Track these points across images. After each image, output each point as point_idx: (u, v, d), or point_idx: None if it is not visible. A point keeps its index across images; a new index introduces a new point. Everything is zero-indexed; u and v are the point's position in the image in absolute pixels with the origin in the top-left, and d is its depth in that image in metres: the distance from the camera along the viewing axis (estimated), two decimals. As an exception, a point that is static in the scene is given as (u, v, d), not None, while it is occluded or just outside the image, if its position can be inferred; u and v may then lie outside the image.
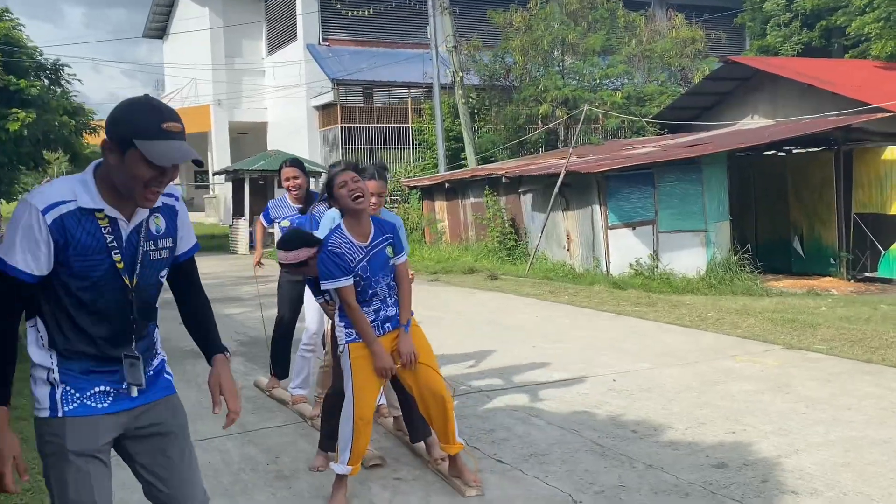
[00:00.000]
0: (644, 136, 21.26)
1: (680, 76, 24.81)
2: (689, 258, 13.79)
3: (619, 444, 5.02)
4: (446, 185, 19.29)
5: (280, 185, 6.51)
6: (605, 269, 13.66)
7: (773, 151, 16.44)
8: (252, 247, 22.56)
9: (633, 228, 13.78)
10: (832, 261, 14.95)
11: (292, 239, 4.59)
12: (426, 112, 26.32)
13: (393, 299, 4.27)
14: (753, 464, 4.61)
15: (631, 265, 13.56)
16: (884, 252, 14.32)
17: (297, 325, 6.49)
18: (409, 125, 29.27)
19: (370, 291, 4.15)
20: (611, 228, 13.71)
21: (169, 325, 3.69)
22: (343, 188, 4.10)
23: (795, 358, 7.11)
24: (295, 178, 6.19)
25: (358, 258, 4.11)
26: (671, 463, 4.68)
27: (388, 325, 4.25)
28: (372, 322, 4.15)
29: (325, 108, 31.92)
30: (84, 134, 20.61)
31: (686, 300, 10.60)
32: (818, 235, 15.35)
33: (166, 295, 2.71)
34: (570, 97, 22.46)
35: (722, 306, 9.97)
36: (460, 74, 22.75)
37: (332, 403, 4.56)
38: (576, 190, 14.31)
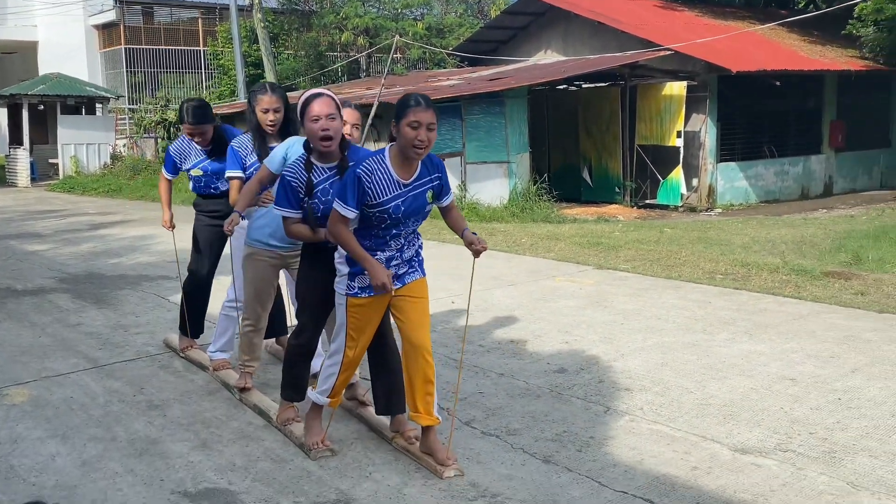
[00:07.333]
0: (445, 68, 21.79)
1: (477, 9, 25.50)
2: (493, 188, 14.59)
3: (469, 357, 5.49)
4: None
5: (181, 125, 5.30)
6: (416, 198, 14.12)
7: (566, 86, 17.52)
8: (35, 178, 20.97)
9: (443, 160, 14.30)
10: (617, 189, 16.34)
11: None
12: (221, 35, 25.31)
13: (411, 253, 3.81)
14: (588, 368, 5.25)
15: (441, 194, 14.12)
16: (662, 180, 15.85)
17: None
18: (202, 48, 28.05)
19: (393, 232, 3.67)
20: (421, 159, 14.14)
21: None
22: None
23: (606, 277, 7.95)
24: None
25: (391, 195, 3.60)
26: (519, 370, 5.22)
27: (395, 281, 3.73)
28: None
29: (105, 28, 29.83)
30: None
31: (500, 228, 11.32)
32: (605, 165, 16.68)
33: None
34: (371, 26, 22.48)
35: (532, 232, 10.76)
36: (258, -3, 22.03)
37: (297, 353, 4.15)
38: (387, 121, 14.57)
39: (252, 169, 4.69)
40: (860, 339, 5.71)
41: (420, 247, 3.91)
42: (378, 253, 3.70)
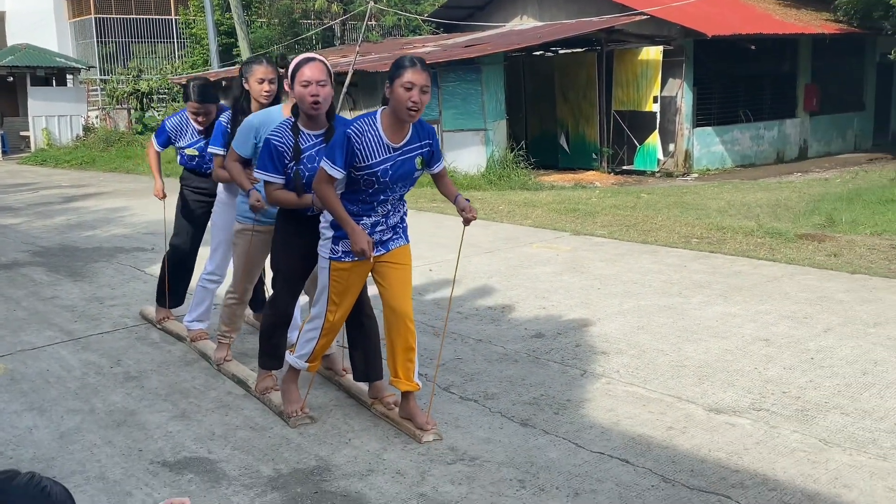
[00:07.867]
0: (420, 34, 21.60)
1: (452, -25, 25.17)
2: (470, 156, 14.55)
3: (448, 324, 5.50)
4: (224, 83, 18.60)
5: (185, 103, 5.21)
6: (393, 166, 14.07)
7: (542, 52, 17.43)
8: (6, 152, 20.69)
9: (423, 127, 14.23)
10: (594, 155, 16.34)
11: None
12: (192, 3, 24.92)
13: (396, 219, 3.81)
14: (566, 332, 5.29)
15: (418, 163, 14.07)
16: (639, 146, 15.87)
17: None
18: (174, 17, 27.60)
19: (380, 198, 3.66)
20: (398, 127, 14.06)
21: None
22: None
23: (583, 243, 7.98)
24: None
25: (380, 157, 3.57)
26: (497, 336, 5.25)
27: (379, 247, 3.75)
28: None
29: (74, -3, 29.25)
30: None
31: (477, 195, 11.31)
32: (582, 132, 16.66)
33: None
34: (344, -7, 22.22)
35: (510, 200, 10.77)
36: (230, -36, 21.68)
37: (273, 321, 4.17)
38: (363, 90, 14.47)
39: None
40: (833, 299, 5.79)
41: (405, 213, 3.90)
42: (364, 218, 3.67)
